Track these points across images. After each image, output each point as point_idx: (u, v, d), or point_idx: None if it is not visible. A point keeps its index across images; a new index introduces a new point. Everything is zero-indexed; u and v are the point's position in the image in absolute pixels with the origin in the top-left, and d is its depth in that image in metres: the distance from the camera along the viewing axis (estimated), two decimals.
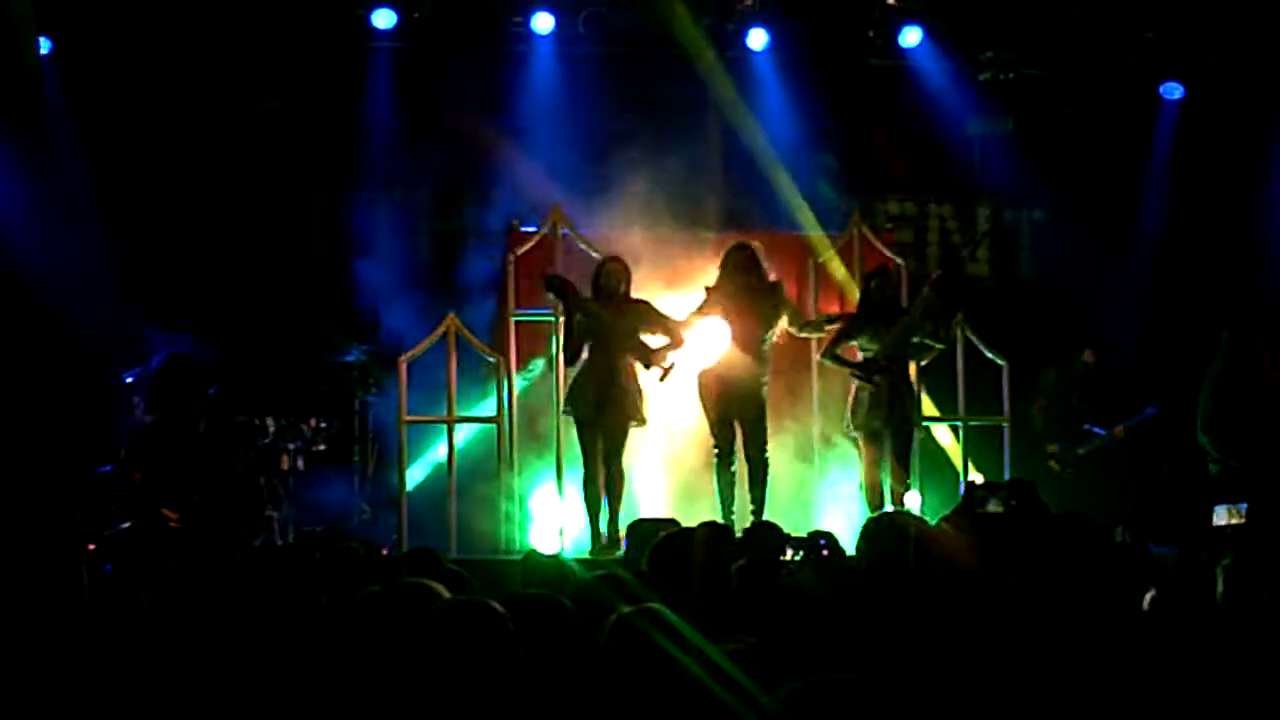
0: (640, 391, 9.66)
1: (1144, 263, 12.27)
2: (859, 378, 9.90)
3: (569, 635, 4.24)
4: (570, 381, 9.76)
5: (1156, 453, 11.18)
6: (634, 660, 3.88)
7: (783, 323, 9.82)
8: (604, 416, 9.62)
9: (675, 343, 9.69)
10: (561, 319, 9.89)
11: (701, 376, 9.76)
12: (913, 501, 9.86)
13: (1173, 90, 12.25)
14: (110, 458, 8.77)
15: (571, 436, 9.81)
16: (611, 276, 9.72)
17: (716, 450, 9.78)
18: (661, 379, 9.65)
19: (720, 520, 9.30)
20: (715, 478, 9.78)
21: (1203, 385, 9.26)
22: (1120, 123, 12.36)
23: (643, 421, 9.71)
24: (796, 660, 4.00)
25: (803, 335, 10.09)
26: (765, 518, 9.26)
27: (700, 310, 9.80)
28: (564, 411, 9.82)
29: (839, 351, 10.02)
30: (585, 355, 9.66)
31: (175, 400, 8.55)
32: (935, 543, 5.28)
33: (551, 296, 9.82)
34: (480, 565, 8.20)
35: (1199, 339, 10.27)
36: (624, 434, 9.68)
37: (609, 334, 9.58)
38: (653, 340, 9.67)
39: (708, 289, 9.83)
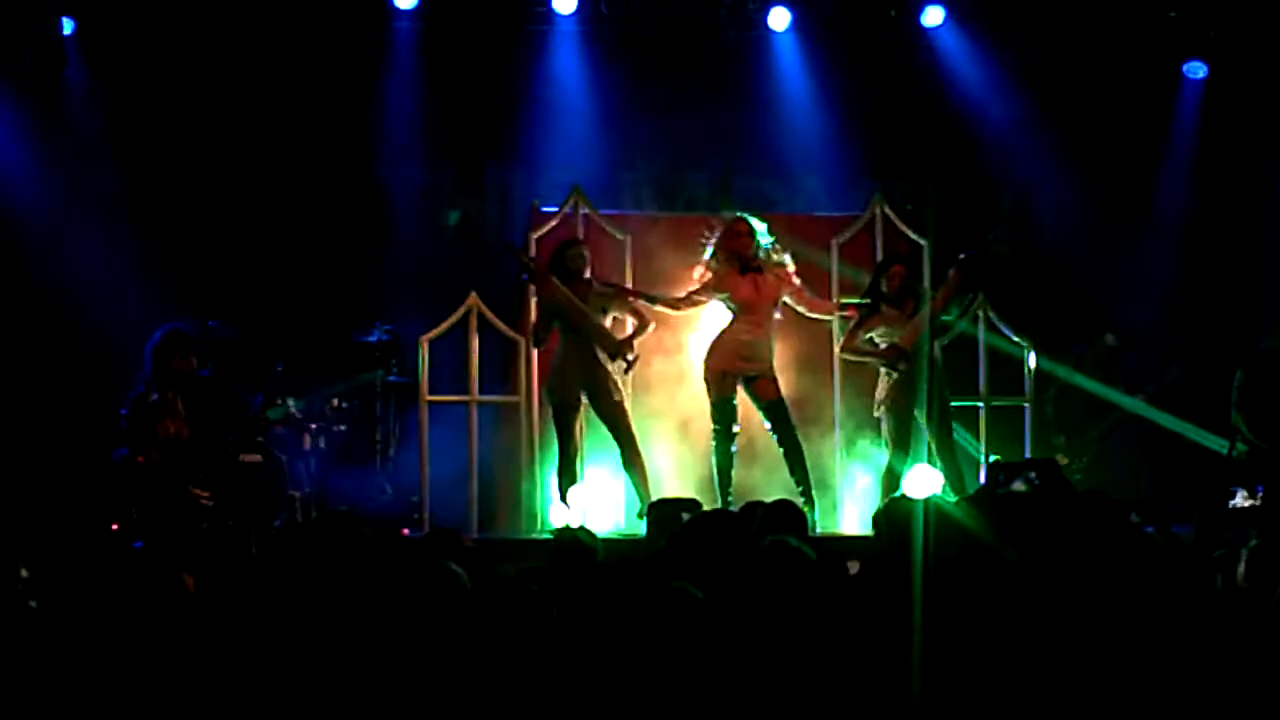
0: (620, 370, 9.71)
1: (1167, 243, 12.22)
2: (885, 365, 9.87)
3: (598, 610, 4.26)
4: (552, 368, 9.77)
5: (1177, 431, 11.11)
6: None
7: (788, 299, 9.85)
8: (597, 400, 9.66)
9: (642, 325, 9.75)
10: (533, 300, 9.91)
11: (709, 355, 9.77)
12: (935, 483, 9.79)
13: (1196, 70, 12.18)
14: (123, 440, 8.83)
15: (591, 417, 9.82)
16: (575, 260, 9.76)
17: (716, 429, 9.78)
18: (626, 370, 9.67)
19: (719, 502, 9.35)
20: (714, 457, 9.78)
21: (1240, 365, 9.25)
22: (1143, 102, 12.30)
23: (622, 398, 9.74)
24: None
25: (814, 316, 10.09)
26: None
27: (700, 289, 9.82)
28: (547, 399, 9.82)
29: (857, 344, 9.98)
30: (561, 340, 9.68)
31: (165, 370, 8.66)
32: (953, 524, 5.28)
33: (525, 278, 9.87)
34: (500, 545, 8.24)
35: (1221, 320, 10.26)
36: (623, 412, 9.72)
37: (581, 316, 9.60)
38: (623, 323, 9.74)
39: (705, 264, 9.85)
